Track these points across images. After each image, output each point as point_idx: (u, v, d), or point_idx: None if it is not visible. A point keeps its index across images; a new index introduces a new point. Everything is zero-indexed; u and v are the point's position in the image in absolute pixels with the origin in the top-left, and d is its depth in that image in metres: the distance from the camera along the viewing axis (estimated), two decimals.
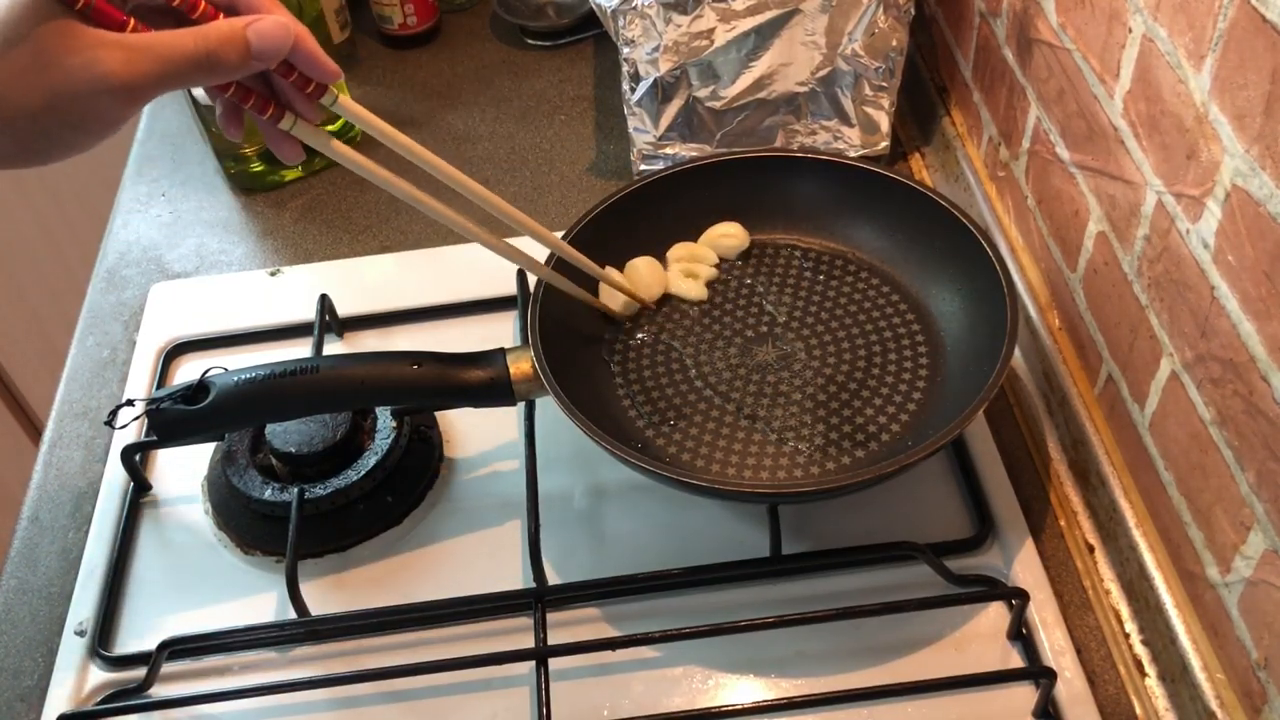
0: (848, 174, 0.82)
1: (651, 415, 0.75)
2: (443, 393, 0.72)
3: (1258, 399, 0.54)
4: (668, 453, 0.73)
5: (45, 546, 0.78)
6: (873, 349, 0.78)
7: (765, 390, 0.76)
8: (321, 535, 0.74)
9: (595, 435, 0.67)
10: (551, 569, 0.71)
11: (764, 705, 0.65)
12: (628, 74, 0.91)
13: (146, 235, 1.00)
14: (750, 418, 0.74)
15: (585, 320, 0.80)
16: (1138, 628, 0.68)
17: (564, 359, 0.72)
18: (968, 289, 0.77)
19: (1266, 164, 0.51)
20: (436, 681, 0.67)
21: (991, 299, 0.73)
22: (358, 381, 0.67)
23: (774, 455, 0.72)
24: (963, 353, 0.76)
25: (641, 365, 0.78)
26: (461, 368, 0.72)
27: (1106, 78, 0.66)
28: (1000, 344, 0.69)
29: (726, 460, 0.72)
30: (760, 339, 0.79)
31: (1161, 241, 0.62)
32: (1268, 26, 0.49)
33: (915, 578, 0.69)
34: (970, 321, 0.76)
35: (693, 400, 0.76)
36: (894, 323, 0.79)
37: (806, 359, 0.77)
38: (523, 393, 0.72)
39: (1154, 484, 0.66)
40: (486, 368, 0.72)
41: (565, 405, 0.68)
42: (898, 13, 0.88)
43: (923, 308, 0.80)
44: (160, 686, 0.69)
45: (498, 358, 0.72)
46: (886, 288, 0.81)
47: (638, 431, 0.74)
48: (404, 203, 1.00)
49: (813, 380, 0.76)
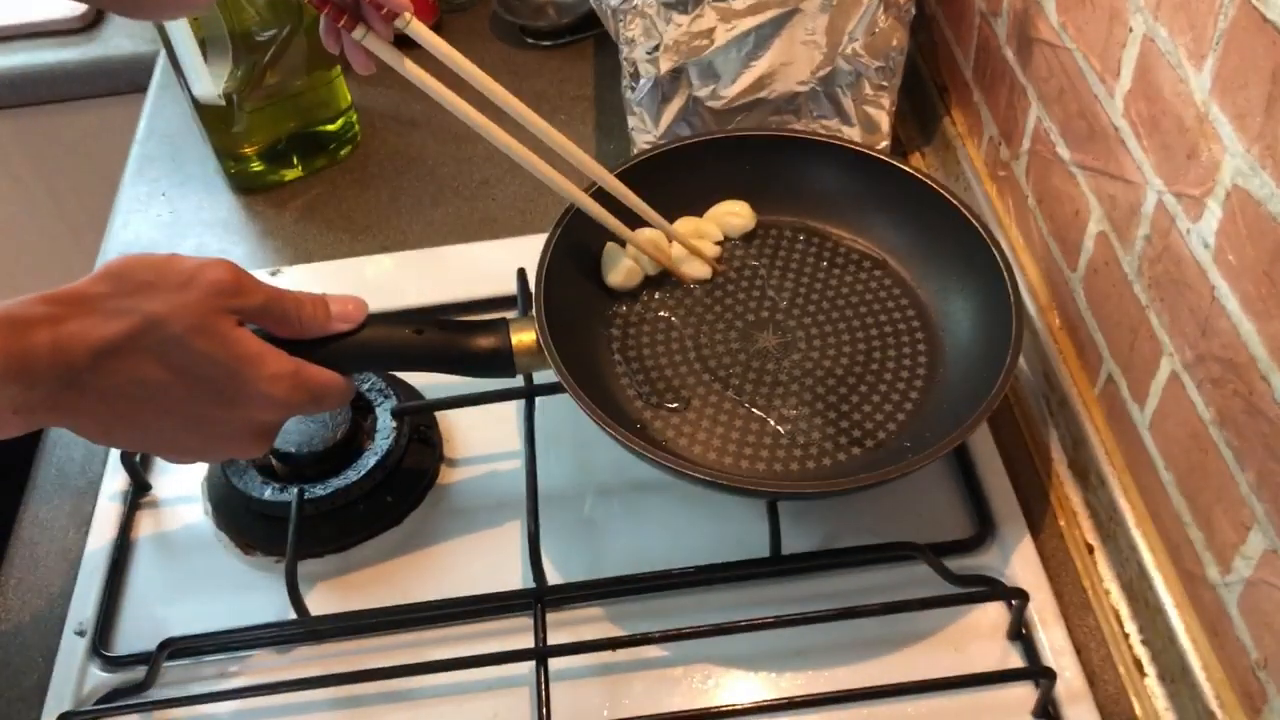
0: (863, 162, 0.82)
1: (650, 396, 0.75)
2: (444, 359, 0.71)
3: (1258, 399, 0.54)
4: (665, 436, 0.73)
5: (45, 546, 0.78)
6: (872, 343, 0.77)
7: (765, 378, 0.76)
8: (321, 535, 0.74)
9: (596, 415, 0.67)
10: (551, 569, 0.71)
11: (764, 705, 0.65)
12: (628, 74, 0.91)
13: (146, 235, 1.00)
14: (750, 405, 0.74)
15: (587, 292, 0.80)
16: (1137, 628, 0.68)
17: (564, 332, 0.72)
18: (972, 290, 0.77)
19: (1267, 163, 0.51)
20: (436, 681, 0.67)
21: (996, 304, 0.73)
22: (357, 346, 0.67)
23: (771, 447, 0.72)
24: (964, 355, 0.75)
25: (641, 342, 0.78)
26: (464, 335, 0.71)
27: (1107, 77, 0.66)
28: (1003, 351, 0.69)
29: (724, 449, 0.72)
30: (761, 324, 0.79)
31: (1162, 241, 0.62)
32: (1268, 26, 0.49)
33: (915, 578, 0.69)
34: (973, 324, 0.76)
35: (691, 383, 0.76)
36: (894, 318, 0.79)
37: (806, 349, 0.77)
38: (524, 365, 0.71)
39: (1154, 484, 0.66)
40: (489, 336, 0.71)
41: (567, 380, 0.68)
42: (898, 12, 0.88)
43: (925, 305, 0.79)
44: (160, 686, 0.69)
45: (500, 326, 0.71)
46: (889, 280, 0.81)
47: (636, 412, 0.74)
48: (404, 203, 1.01)
49: (812, 371, 0.76)
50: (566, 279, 0.76)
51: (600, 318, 0.80)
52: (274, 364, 0.61)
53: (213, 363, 0.59)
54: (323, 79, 0.99)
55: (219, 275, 0.59)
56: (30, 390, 0.55)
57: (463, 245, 0.95)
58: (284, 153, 1.02)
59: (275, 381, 0.61)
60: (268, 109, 0.98)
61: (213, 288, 0.59)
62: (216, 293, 0.59)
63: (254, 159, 1.01)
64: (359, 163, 1.05)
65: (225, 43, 0.92)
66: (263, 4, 0.92)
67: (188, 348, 0.58)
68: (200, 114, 0.97)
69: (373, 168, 1.04)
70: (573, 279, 0.78)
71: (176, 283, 0.58)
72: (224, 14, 0.90)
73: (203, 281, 0.59)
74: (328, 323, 0.65)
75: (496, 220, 0.98)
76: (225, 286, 0.59)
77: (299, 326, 0.64)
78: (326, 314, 0.66)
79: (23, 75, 1.27)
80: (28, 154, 1.37)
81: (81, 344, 0.56)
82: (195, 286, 0.59)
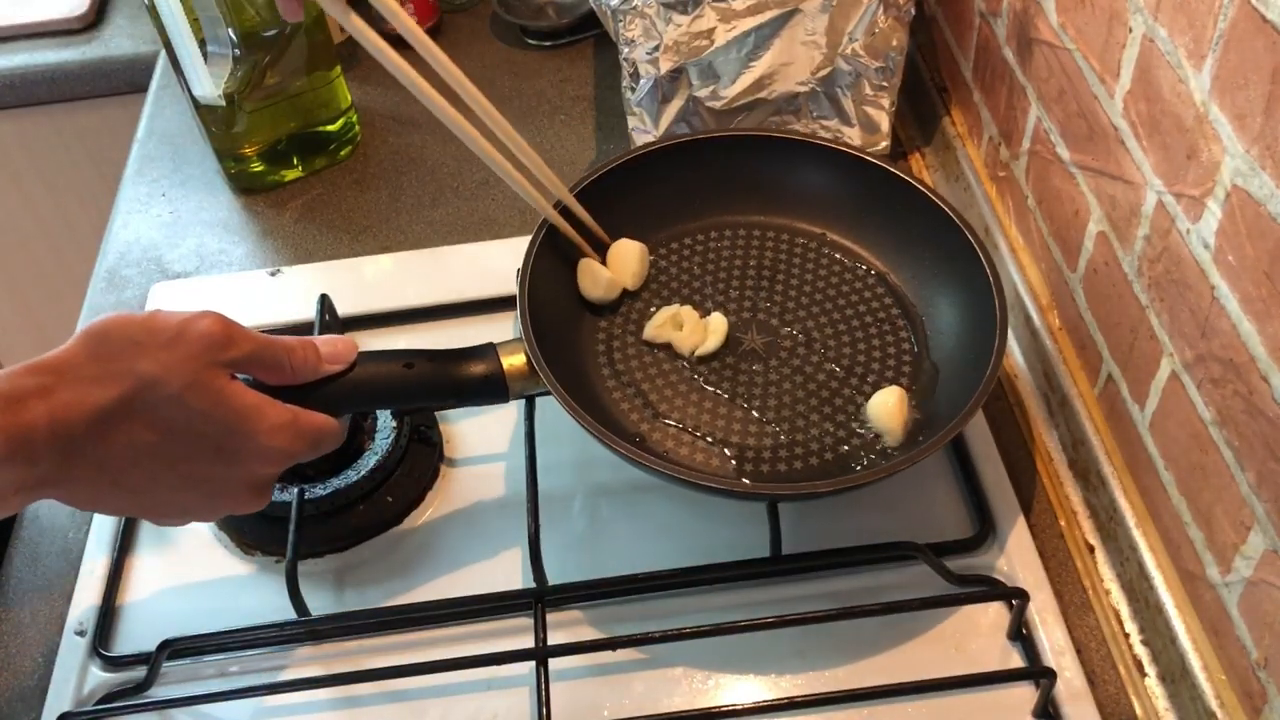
0: (849, 163, 0.82)
1: (644, 407, 0.75)
2: (437, 392, 0.71)
3: (1258, 399, 0.54)
4: (665, 447, 0.73)
5: (45, 546, 0.78)
6: (858, 343, 0.78)
7: (756, 380, 0.76)
8: (321, 535, 0.74)
9: (598, 433, 0.67)
10: (551, 569, 0.71)
11: (764, 705, 0.65)
12: (628, 74, 0.91)
13: (147, 235, 1.00)
14: (744, 409, 0.74)
15: (572, 307, 0.79)
16: (1138, 628, 0.68)
17: (554, 350, 0.72)
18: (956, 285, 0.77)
19: (1266, 164, 0.51)
20: (436, 681, 0.67)
21: (980, 298, 0.73)
22: (350, 387, 0.67)
23: (772, 448, 0.72)
24: (953, 350, 0.76)
25: (629, 354, 0.78)
26: (454, 364, 0.70)
27: (1107, 77, 0.66)
28: (989, 348, 0.69)
29: (722, 454, 0.72)
30: (744, 325, 0.79)
31: (1162, 241, 0.62)
32: (1268, 26, 0.49)
33: (915, 578, 0.69)
34: (959, 318, 0.76)
35: (684, 390, 0.76)
36: (879, 316, 0.79)
37: (793, 347, 0.77)
38: (517, 390, 0.71)
39: (1154, 484, 0.66)
40: (479, 363, 0.70)
41: (566, 403, 0.68)
42: (898, 12, 0.88)
43: (909, 302, 0.80)
44: (160, 686, 0.69)
45: (489, 352, 0.71)
46: (872, 278, 0.81)
47: (633, 424, 0.74)
48: (404, 203, 1.01)
49: (801, 369, 0.76)
50: (549, 295, 0.76)
51: (587, 331, 0.79)
52: (272, 415, 0.59)
53: (210, 420, 0.57)
54: (323, 79, 0.99)
55: (207, 328, 0.57)
56: (33, 467, 0.54)
57: (463, 245, 0.95)
58: (284, 153, 1.02)
59: (275, 433, 0.59)
60: (268, 109, 0.98)
61: (202, 341, 0.57)
62: (207, 346, 0.57)
63: (254, 159, 1.01)
64: (359, 163, 1.05)
65: (226, 43, 0.92)
66: (263, 4, 0.92)
67: (184, 406, 0.56)
68: (200, 114, 0.97)
69: (373, 168, 1.04)
70: (556, 294, 0.77)
71: (165, 340, 0.56)
72: (224, 14, 0.90)
73: (192, 335, 0.57)
74: (319, 365, 0.63)
75: (496, 220, 0.98)
76: (215, 339, 0.57)
77: (291, 373, 0.62)
78: (317, 357, 0.63)
79: (23, 75, 1.27)
80: (28, 154, 1.37)
81: (78, 414, 0.54)
82: (184, 341, 0.57)
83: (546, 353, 0.70)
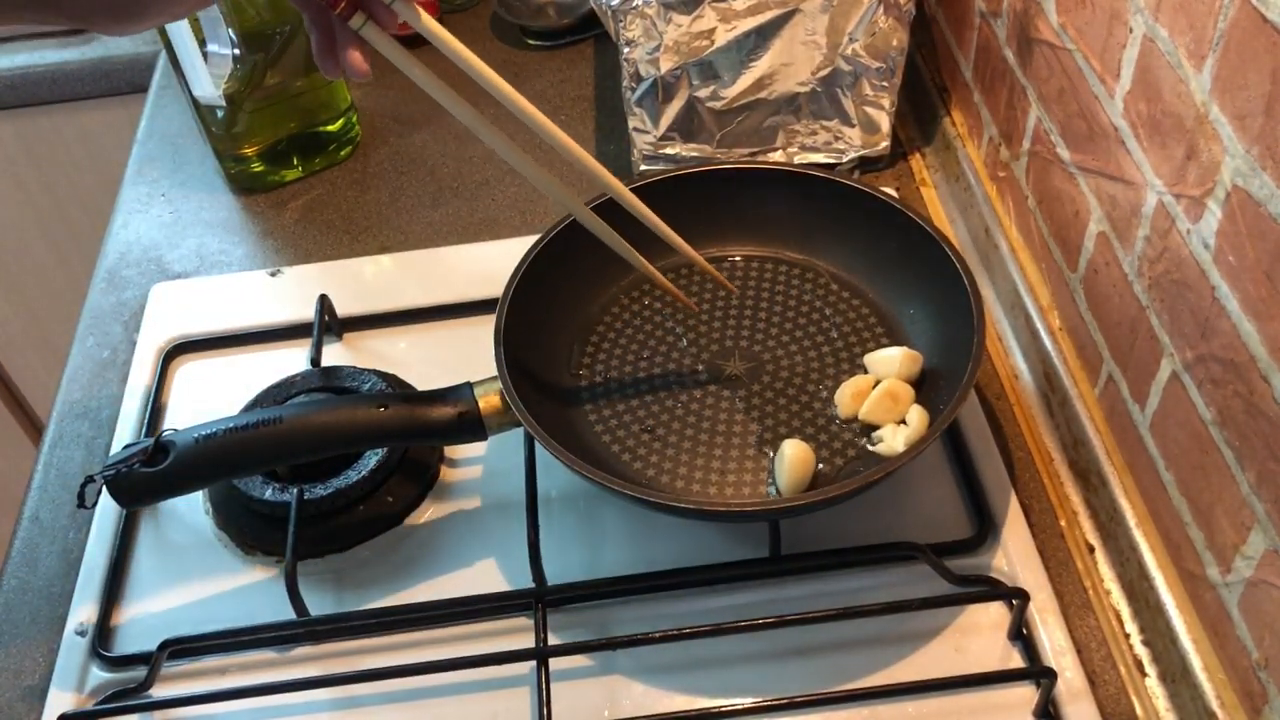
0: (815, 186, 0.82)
1: (626, 439, 0.75)
2: (411, 434, 0.71)
3: (1258, 399, 0.54)
4: (645, 476, 0.72)
5: (45, 546, 0.78)
6: (840, 356, 0.78)
7: (738, 404, 0.76)
8: (321, 535, 0.74)
9: (581, 469, 0.66)
10: (551, 569, 0.71)
11: (764, 705, 0.65)
12: (628, 74, 0.91)
13: (147, 235, 1.00)
14: (726, 434, 0.74)
15: (548, 341, 0.79)
16: (1138, 628, 0.68)
17: (531, 387, 0.72)
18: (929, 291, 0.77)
19: (1267, 164, 0.51)
20: (436, 681, 0.67)
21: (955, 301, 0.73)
22: (324, 429, 0.66)
23: (753, 470, 0.72)
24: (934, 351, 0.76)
25: (610, 389, 0.77)
26: (429, 406, 0.70)
27: (1107, 78, 0.66)
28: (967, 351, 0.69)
29: (719, 480, 0.72)
30: (726, 353, 0.79)
31: (1162, 242, 0.62)
32: (1268, 26, 0.49)
33: (915, 578, 0.69)
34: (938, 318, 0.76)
35: (666, 420, 0.75)
36: (858, 327, 0.79)
37: (775, 370, 0.77)
38: (494, 426, 0.71)
39: (1154, 484, 0.66)
40: (454, 403, 0.70)
41: (548, 443, 0.67)
42: (898, 12, 0.88)
43: (886, 313, 0.80)
44: (160, 686, 0.69)
45: (465, 392, 0.71)
46: (847, 293, 0.82)
47: (614, 456, 0.74)
48: (404, 203, 1.01)
49: (784, 391, 0.76)
50: (525, 331, 0.75)
51: (565, 367, 0.79)
52: None
53: None
54: (323, 79, 0.99)
55: None
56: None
57: (463, 245, 0.95)
58: (284, 153, 1.02)
59: None
60: (268, 109, 0.98)
61: None
62: None
63: (254, 159, 1.01)
64: (359, 163, 1.05)
65: (226, 43, 0.92)
66: (263, 4, 0.92)
67: None
68: (200, 114, 0.97)
69: (373, 168, 1.04)
70: (531, 329, 0.76)
71: None
72: (224, 14, 0.90)
73: None
74: None
75: (496, 220, 0.98)
76: None
77: None
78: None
79: (23, 75, 1.27)
80: (28, 154, 1.37)
81: None
82: None
83: (523, 390, 0.70)
